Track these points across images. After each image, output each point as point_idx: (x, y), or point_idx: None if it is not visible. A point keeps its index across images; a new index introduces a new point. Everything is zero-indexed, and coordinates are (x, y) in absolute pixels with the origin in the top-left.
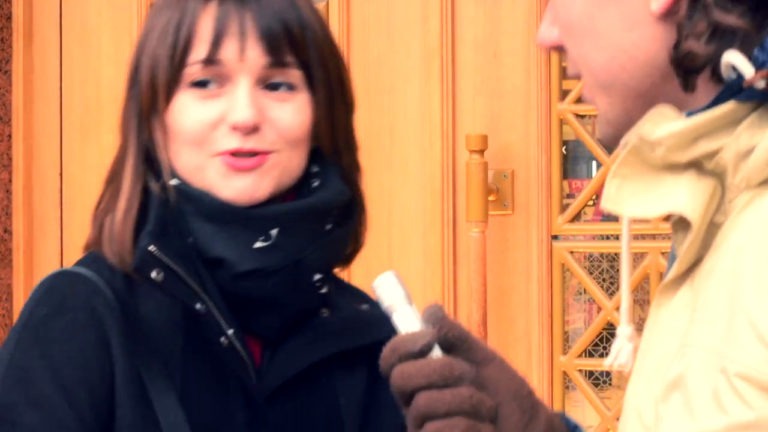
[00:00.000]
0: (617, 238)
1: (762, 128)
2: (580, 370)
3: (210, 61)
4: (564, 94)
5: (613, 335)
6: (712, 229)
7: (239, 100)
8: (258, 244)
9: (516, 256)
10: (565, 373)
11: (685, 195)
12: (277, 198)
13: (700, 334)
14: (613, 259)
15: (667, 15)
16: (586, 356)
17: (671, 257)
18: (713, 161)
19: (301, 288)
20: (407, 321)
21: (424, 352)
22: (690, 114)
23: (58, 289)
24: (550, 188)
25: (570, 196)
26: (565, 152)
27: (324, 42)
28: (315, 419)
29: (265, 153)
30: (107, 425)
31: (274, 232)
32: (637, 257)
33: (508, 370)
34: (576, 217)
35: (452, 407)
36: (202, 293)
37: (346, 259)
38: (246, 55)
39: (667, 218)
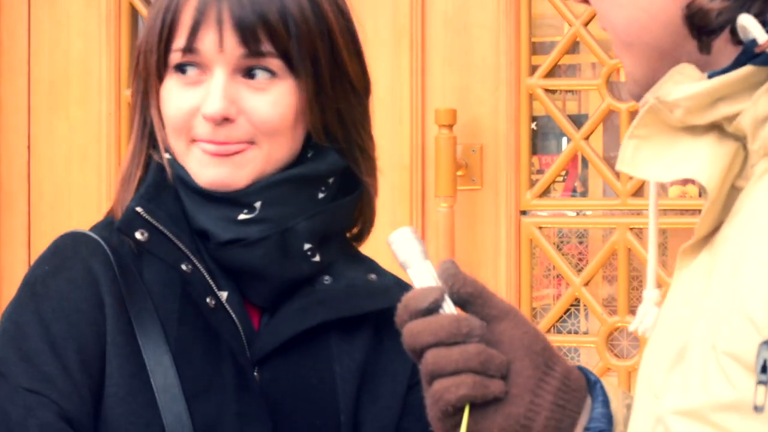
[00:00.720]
0: (586, 214)
1: None
2: None
3: (188, 49)
4: (533, 68)
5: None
6: (734, 193)
7: (212, 91)
8: (242, 216)
9: (484, 232)
10: None
11: (704, 160)
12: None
13: (705, 305)
14: (582, 234)
15: None
16: (554, 332)
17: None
18: (733, 125)
19: (291, 256)
20: (422, 276)
21: (432, 309)
22: (711, 75)
23: (61, 248)
24: (518, 163)
25: (539, 171)
26: (535, 128)
27: (315, 29)
28: (307, 385)
29: (242, 143)
30: (98, 382)
31: (257, 204)
32: (606, 233)
33: (523, 325)
34: (545, 193)
35: (459, 365)
36: (190, 255)
37: (357, 237)
38: (222, 46)
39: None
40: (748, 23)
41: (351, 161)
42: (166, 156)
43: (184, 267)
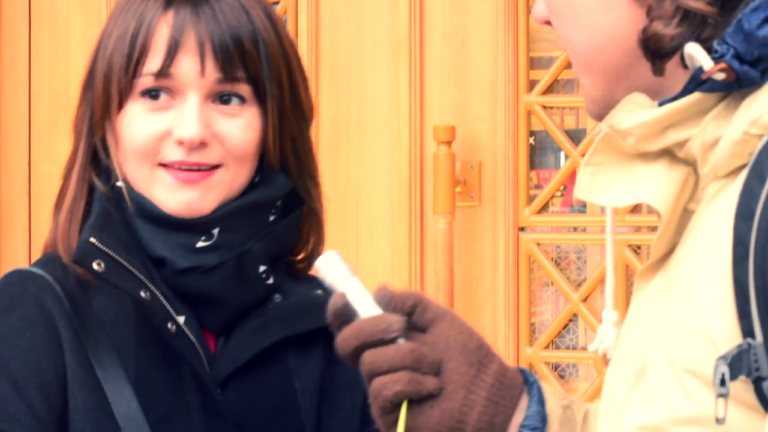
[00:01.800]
0: (584, 229)
1: (727, 119)
2: (546, 362)
3: (162, 73)
4: (532, 83)
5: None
6: (686, 215)
7: (188, 115)
8: (200, 244)
9: (483, 248)
10: (531, 364)
11: (655, 184)
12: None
13: (663, 324)
14: (581, 249)
15: None
16: (552, 348)
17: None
18: (683, 150)
19: (247, 280)
20: (353, 293)
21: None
22: (662, 103)
23: (9, 287)
24: (517, 180)
25: (538, 187)
26: (533, 143)
27: (278, 53)
28: (270, 403)
29: (211, 167)
30: (63, 417)
31: (215, 231)
32: (602, 249)
33: (458, 326)
34: (543, 209)
35: (394, 363)
36: (147, 282)
37: (305, 258)
38: (199, 71)
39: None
40: (694, 51)
41: (302, 189)
42: (119, 184)
43: (143, 294)
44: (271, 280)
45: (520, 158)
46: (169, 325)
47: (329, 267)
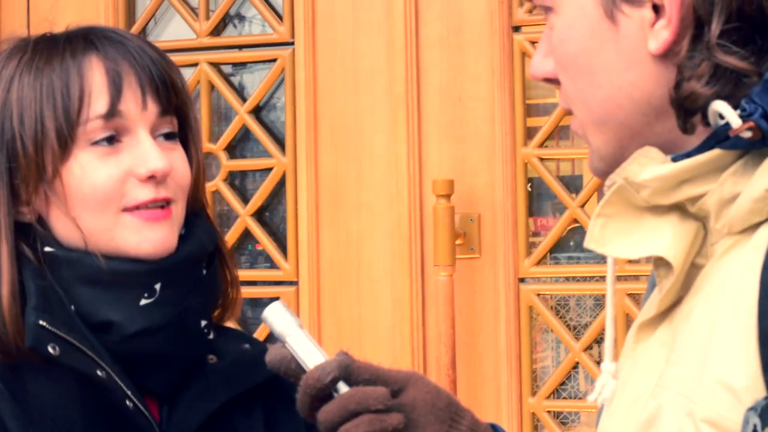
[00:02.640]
0: (584, 279)
1: (746, 176)
2: (548, 411)
3: (112, 114)
4: (529, 130)
5: (578, 375)
6: (693, 270)
7: (148, 149)
8: (143, 302)
9: (484, 299)
10: (534, 414)
11: (668, 238)
12: None
13: (674, 375)
14: (580, 299)
15: (666, 55)
16: (554, 397)
17: (648, 290)
18: (696, 205)
19: (189, 337)
20: (300, 344)
21: (332, 385)
22: (675, 158)
23: None
24: (516, 231)
25: (536, 234)
26: (530, 189)
27: (186, 87)
28: None
29: (170, 202)
30: None
31: (157, 286)
32: (604, 298)
33: (424, 386)
34: (543, 259)
35: (341, 412)
36: (98, 360)
37: (229, 305)
38: (145, 106)
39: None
40: (723, 109)
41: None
42: (48, 250)
43: (99, 373)
44: (211, 335)
45: (519, 210)
46: (127, 403)
47: (276, 318)
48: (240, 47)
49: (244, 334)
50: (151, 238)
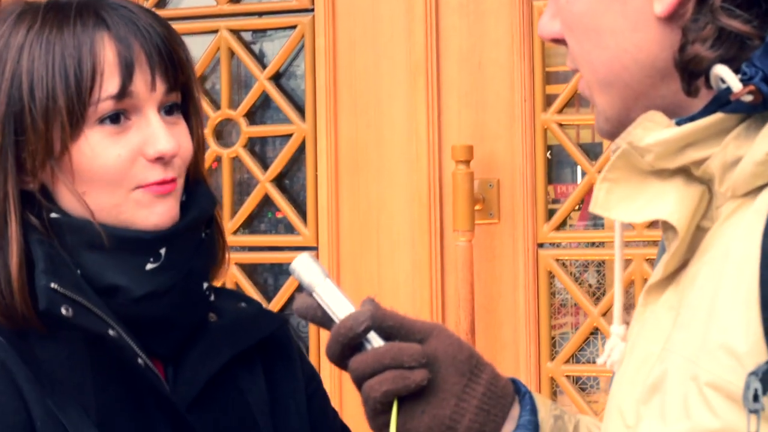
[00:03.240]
0: (603, 245)
1: (749, 140)
2: (567, 376)
3: (123, 94)
4: (548, 99)
5: (597, 340)
6: (698, 233)
7: (157, 130)
8: (149, 266)
9: (503, 265)
10: (552, 378)
11: (672, 202)
12: None
13: (679, 339)
14: (600, 264)
15: (671, 18)
16: (573, 362)
17: (659, 254)
18: (701, 169)
19: (194, 299)
20: (329, 293)
21: (364, 334)
22: (679, 122)
23: None
24: (535, 197)
25: (555, 201)
26: (549, 157)
27: (190, 57)
28: (231, 422)
29: (174, 178)
30: None
31: (162, 251)
32: (626, 263)
33: (447, 338)
34: (562, 224)
35: (374, 364)
36: (111, 321)
37: (219, 268)
38: (154, 86)
39: (654, 221)
40: (724, 73)
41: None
42: (54, 216)
43: (111, 333)
44: (212, 297)
45: (538, 175)
46: (139, 361)
47: (304, 269)
48: (260, 14)
49: (238, 293)
50: (158, 211)
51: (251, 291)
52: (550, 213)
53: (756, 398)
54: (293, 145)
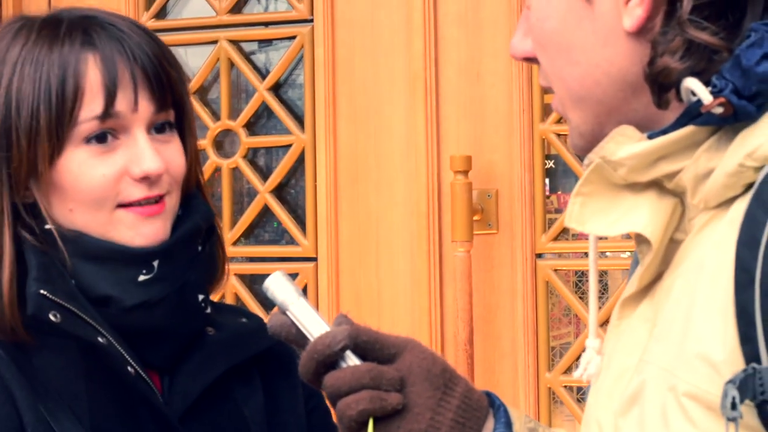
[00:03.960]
0: (603, 254)
1: (720, 152)
2: (565, 386)
3: (106, 115)
4: (546, 109)
5: None
6: (672, 245)
7: (144, 150)
8: (141, 278)
9: (501, 275)
10: (550, 389)
11: (646, 214)
12: None
13: (656, 350)
14: (601, 274)
15: (640, 32)
16: (572, 372)
17: (633, 266)
18: (673, 182)
19: (188, 311)
20: (303, 312)
21: (341, 352)
22: (651, 135)
23: None
24: (533, 207)
25: (558, 210)
26: (552, 166)
27: (182, 72)
28: None
29: (163, 196)
30: None
31: (155, 263)
32: (624, 273)
33: (420, 353)
34: (561, 234)
35: (352, 383)
36: (100, 327)
37: (218, 281)
38: (139, 105)
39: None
40: (694, 86)
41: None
42: (48, 227)
43: (100, 340)
44: (208, 310)
45: (536, 186)
46: (129, 369)
47: (277, 287)
48: (259, 25)
49: (240, 309)
50: (145, 232)
51: (250, 301)
52: (549, 223)
53: (734, 406)
54: (293, 156)
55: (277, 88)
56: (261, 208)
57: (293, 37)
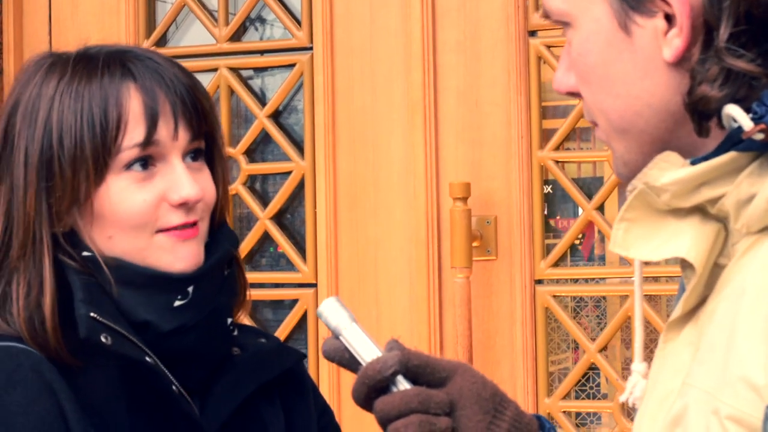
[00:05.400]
0: (604, 280)
1: (762, 177)
2: (564, 411)
3: (147, 143)
4: (546, 134)
5: (598, 376)
6: (716, 270)
7: (181, 177)
8: (177, 303)
9: (500, 301)
10: (550, 414)
11: (689, 240)
12: None
13: (699, 373)
14: (599, 300)
15: (680, 62)
16: (572, 397)
17: (680, 291)
18: (716, 207)
19: (219, 334)
20: (356, 337)
21: (392, 377)
22: (694, 161)
23: (1, 364)
24: (532, 233)
25: (557, 236)
26: (550, 191)
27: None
28: None
29: (197, 222)
30: None
31: (190, 289)
32: (622, 300)
33: (471, 377)
34: (561, 259)
35: (401, 407)
36: (146, 349)
37: (241, 304)
38: (175, 134)
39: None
40: (735, 112)
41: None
42: (86, 254)
43: (148, 360)
44: (235, 332)
45: (535, 212)
46: (174, 388)
47: (331, 313)
48: (259, 52)
49: (256, 329)
50: (182, 255)
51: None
52: (548, 249)
53: None
54: (292, 182)
55: (276, 115)
56: (261, 235)
57: (293, 65)
